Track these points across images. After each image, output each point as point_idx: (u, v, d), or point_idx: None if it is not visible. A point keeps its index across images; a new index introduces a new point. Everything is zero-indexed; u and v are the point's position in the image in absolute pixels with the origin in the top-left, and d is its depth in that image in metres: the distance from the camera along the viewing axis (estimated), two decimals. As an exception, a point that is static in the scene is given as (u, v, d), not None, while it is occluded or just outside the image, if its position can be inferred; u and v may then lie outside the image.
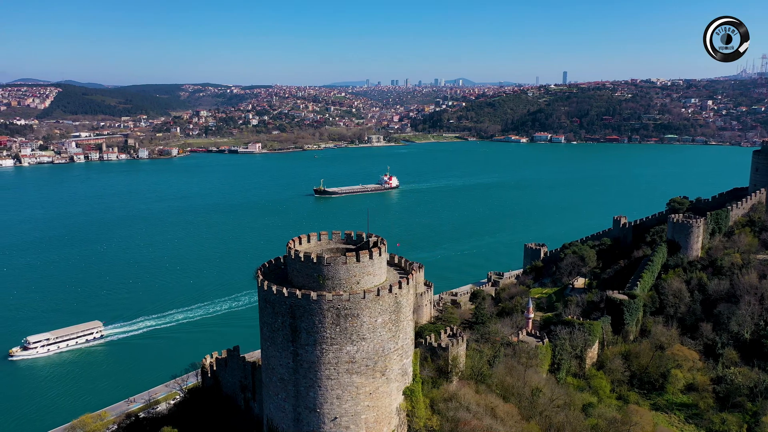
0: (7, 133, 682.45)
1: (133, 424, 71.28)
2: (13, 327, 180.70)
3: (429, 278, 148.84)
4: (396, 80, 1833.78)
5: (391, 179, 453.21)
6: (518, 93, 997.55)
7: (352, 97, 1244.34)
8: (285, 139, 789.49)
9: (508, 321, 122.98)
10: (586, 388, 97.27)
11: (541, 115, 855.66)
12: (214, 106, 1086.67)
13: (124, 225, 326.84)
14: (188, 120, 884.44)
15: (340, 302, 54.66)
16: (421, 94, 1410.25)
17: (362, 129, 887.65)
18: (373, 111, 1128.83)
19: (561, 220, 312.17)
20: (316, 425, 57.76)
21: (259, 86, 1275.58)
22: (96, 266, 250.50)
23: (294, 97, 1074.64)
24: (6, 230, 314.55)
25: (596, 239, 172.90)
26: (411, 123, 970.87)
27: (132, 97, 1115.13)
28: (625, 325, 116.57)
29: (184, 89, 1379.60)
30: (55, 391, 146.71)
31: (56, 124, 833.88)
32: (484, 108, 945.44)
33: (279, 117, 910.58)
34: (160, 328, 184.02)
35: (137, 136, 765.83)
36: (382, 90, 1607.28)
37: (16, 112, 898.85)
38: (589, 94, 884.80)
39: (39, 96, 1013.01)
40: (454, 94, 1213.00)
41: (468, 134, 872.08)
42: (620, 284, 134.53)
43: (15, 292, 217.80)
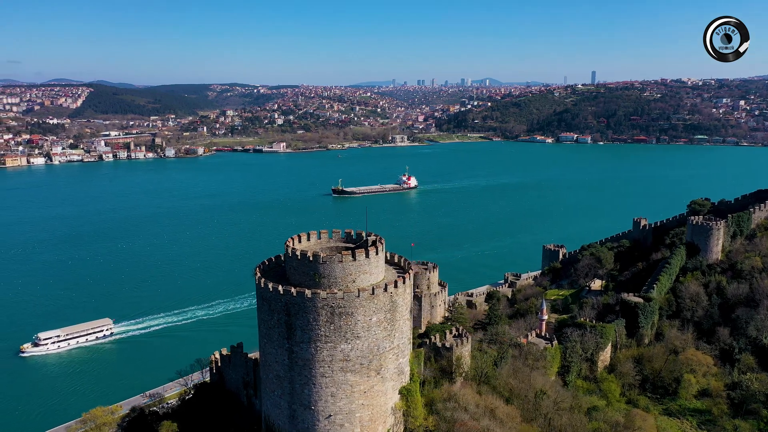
0: (39, 132, 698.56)
1: (138, 417, 72.45)
2: (25, 323, 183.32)
3: (446, 279, 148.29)
4: (422, 80, 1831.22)
5: (410, 179, 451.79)
6: (544, 93, 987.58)
7: (377, 97, 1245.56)
8: (309, 138, 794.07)
9: (522, 322, 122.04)
10: (596, 392, 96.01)
11: (568, 115, 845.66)
12: (241, 106, 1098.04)
13: (149, 223, 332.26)
14: (215, 119, 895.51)
15: (334, 300, 54.82)
16: (447, 94, 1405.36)
17: (386, 129, 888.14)
18: (399, 111, 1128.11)
19: (582, 221, 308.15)
20: (310, 422, 58.03)
21: (286, 86, 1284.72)
22: (114, 264, 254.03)
23: (320, 97, 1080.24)
24: (35, 226, 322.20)
25: (615, 241, 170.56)
26: (436, 123, 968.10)
27: (161, 97, 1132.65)
28: (640, 329, 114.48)
29: (212, 89, 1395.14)
30: (65, 387, 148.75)
31: (87, 123, 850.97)
32: (510, 108, 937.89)
33: (304, 117, 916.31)
34: (171, 326, 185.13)
35: (165, 135, 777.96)
36: (408, 90, 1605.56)
37: (49, 111, 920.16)
38: (617, 94, 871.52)
39: (71, 96, 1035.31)
40: (480, 94, 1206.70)
41: (493, 134, 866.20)
42: (637, 287, 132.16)
43: (31, 288, 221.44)
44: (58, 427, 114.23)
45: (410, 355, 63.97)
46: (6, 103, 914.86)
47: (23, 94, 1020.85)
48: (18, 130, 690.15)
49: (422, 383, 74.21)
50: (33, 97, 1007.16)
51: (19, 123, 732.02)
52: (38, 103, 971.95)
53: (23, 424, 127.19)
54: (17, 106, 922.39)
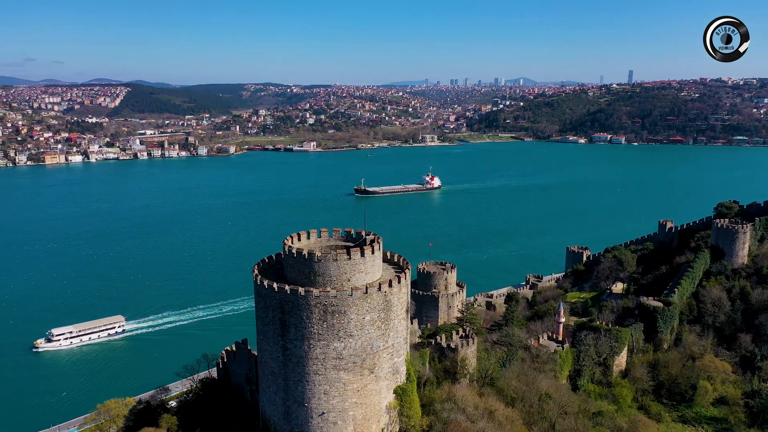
0: (78, 131, 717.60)
1: (144, 410, 73.96)
2: (40, 319, 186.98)
3: (467, 280, 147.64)
4: (455, 80, 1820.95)
5: (433, 179, 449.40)
6: (578, 92, 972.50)
7: (409, 96, 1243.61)
8: (340, 138, 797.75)
9: (539, 324, 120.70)
10: (608, 397, 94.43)
11: (601, 115, 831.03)
12: (274, 105, 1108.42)
13: (179, 220, 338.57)
14: (247, 119, 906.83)
15: (327, 299, 55.04)
16: (480, 94, 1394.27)
17: (417, 128, 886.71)
18: (430, 110, 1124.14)
19: (609, 223, 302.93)
20: (304, 419, 58.42)
21: (319, 86, 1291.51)
22: (137, 260, 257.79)
23: (351, 97, 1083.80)
24: (67, 222, 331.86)
25: (639, 243, 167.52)
26: (467, 123, 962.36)
27: (196, 97, 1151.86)
28: (659, 334, 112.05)
29: (246, 89, 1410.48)
30: (76, 382, 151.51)
31: (124, 122, 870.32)
32: (542, 108, 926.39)
33: (335, 116, 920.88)
34: (184, 324, 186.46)
35: (198, 134, 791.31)
36: (441, 89, 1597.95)
37: (88, 110, 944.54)
38: (653, 93, 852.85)
39: (110, 95, 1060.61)
40: (513, 94, 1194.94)
41: (524, 134, 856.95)
42: (659, 290, 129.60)
43: (51, 282, 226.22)
44: (74, 420, 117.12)
45: (406, 355, 63.76)
46: (48, 103, 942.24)
47: (64, 93, 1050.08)
48: (58, 128, 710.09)
49: (424, 383, 74.13)
50: (74, 96, 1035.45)
51: (59, 122, 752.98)
52: (78, 102, 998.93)
53: (36, 417, 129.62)
54: (58, 105, 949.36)
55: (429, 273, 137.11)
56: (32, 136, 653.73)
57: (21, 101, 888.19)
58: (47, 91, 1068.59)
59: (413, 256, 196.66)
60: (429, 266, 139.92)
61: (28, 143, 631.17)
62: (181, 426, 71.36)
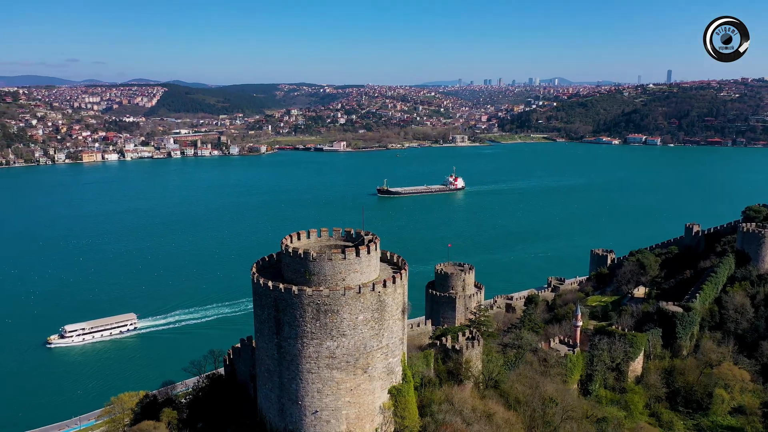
0: (115, 130, 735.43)
1: (151, 404, 75.50)
2: (55, 315, 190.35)
3: (487, 281, 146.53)
4: (489, 80, 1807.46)
5: (457, 180, 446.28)
6: (613, 93, 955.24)
7: (441, 96, 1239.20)
8: (370, 138, 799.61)
9: (557, 328, 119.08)
10: (620, 402, 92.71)
11: (636, 115, 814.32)
12: (307, 105, 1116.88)
13: (206, 218, 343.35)
14: (279, 118, 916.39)
15: (320, 298, 55.40)
16: (513, 94, 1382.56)
17: (448, 128, 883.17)
18: (462, 110, 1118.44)
19: (638, 225, 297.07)
20: (298, 417, 58.93)
21: (352, 86, 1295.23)
22: (158, 257, 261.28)
23: (383, 97, 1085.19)
24: (102, 219, 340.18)
25: (664, 247, 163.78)
26: (498, 123, 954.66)
27: (230, 96, 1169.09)
28: (678, 339, 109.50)
29: (279, 89, 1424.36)
30: (87, 378, 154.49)
31: (160, 122, 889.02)
32: (576, 108, 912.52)
33: (366, 116, 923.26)
34: (197, 322, 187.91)
35: (231, 133, 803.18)
36: (474, 89, 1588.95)
37: (126, 110, 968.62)
38: (690, 93, 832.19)
39: (147, 95, 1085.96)
40: (546, 94, 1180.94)
41: (557, 135, 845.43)
42: (682, 295, 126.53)
43: (69, 278, 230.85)
44: (91, 413, 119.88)
45: (403, 355, 63.70)
46: (88, 102, 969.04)
47: (104, 93, 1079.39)
48: (96, 127, 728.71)
49: (426, 384, 73.94)
50: (112, 96, 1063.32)
51: (97, 121, 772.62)
52: (117, 102, 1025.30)
53: (48, 411, 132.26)
54: (98, 105, 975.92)
55: (446, 274, 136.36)
56: (71, 134, 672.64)
57: (62, 101, 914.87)
58: (87, 91, 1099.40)
59: (431, 257, 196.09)
60: (447, 267, 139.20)
61: (67, 142, 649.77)
62: (187, 420, 72.70)
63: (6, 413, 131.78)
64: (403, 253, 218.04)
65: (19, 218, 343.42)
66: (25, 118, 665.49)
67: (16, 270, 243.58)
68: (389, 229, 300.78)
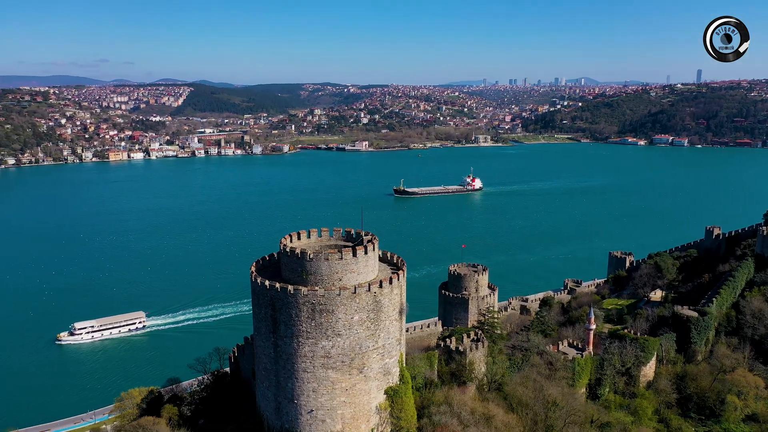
0: (142, 129, 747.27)
1: (156, 399, 76.55)
2: (65, 312, 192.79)
3: (503, 283, 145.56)
4: (514, 79, 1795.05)
5: (474, 181, 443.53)
6: (640, 93, 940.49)
7: (465, 96, 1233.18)
8: (392, 137, 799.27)
9: (571, 331, 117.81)
10: (629, 408, 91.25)
11: (663, 116, 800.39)
12: (331, 105, 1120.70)
13: (223, 217, 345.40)
14: (303, 118, 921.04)
15: (314, 297, 55.64)
16: (538, 94, 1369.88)
17: (471, 129, 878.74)
18: (486, 111, 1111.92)
19: (659, 227, 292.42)
20: (294, 416, 59.22)
21: (376, 86, 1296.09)
22: (172, 256, 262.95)
23: (407, 96, 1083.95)
24: (125, 216, 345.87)
25: (683, 250, 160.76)
26: (522, 123, 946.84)
27: (255, 96, 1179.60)
28: (692, 344, 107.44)
29: (304, 88, 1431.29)
30: (95, 375, 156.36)
31: (186, 121, 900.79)
32: (601, 108, 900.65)
33: (389, 116, 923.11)
34: (207, 321, 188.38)
35: (255, 132, 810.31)
36: (499, 89, 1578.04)
37: (153, 109, 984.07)
38: (719, 93, 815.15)
39: (173, 95, 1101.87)
40: (572, 94, 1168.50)
41: (581, 135, 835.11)
42: (698, 300, 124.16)
43: (82, 275, 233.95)
44: (104, 408, 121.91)
45: (400, 356, 63.55)
46: (116, 102, 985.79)
47: (131, 93, 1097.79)
48: (123, 126, 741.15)
49: (428, 386, 73.71)
50: (140, 96, 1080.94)
51: (124, 120, 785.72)
52: (144, 102, 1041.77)
53: (57, 406, 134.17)
54: (125, 104, 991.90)
55: (460, 275, 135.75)
56: (99, 133, 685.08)
57: (91, 100, 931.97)
58: (116, 90, 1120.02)
59: (445, 258, 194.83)
60: (460, 268, 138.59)
61: (95, 141, 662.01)
62: (189, 417, 73.53)
63: (17, 408, 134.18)
64: (416, 254, 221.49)
65: (44, 215, 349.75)
66: (54, 117, 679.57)
67: (33, 266, 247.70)
68: (403, 229, 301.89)
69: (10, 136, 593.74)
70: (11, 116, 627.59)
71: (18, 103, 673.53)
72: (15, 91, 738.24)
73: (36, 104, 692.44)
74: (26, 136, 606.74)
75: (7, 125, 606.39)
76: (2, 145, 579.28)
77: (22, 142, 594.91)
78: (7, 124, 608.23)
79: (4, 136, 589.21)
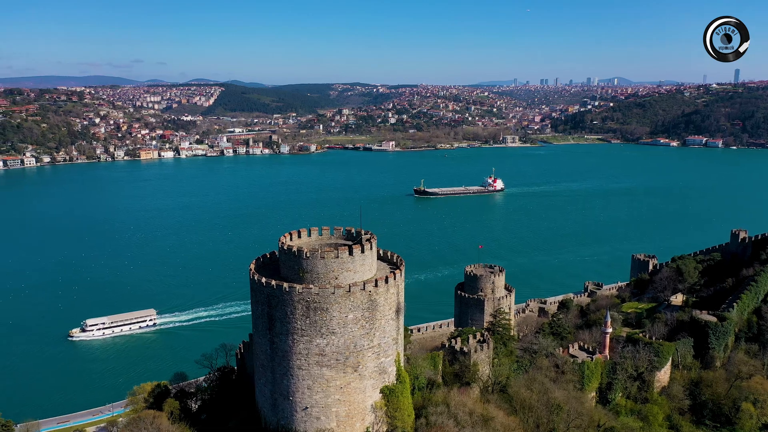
0: (173, 128, 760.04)
1: (163, 393, 77.79)
2: (78, 308, 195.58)
3: (522, 285, 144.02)
4: (546, 79, 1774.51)
5: (496, 181, 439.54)
6: (673, 93, 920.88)
7: (495, 96, 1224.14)
8: (419, 137, 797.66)
9: (587, 334, 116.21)
10: (640, 413, 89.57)
11: (697, 116, 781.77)
12: (360, 105, 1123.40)
13: (249, 215, 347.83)
14: (331, 118, 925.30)
15: (309, 295, 55.95)
16: (570, 94, 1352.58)
17: (499, 129, 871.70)
18: (516, 111, 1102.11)
19: (685, 230, 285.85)
20: (289, 412, 59.65)
21: (405, 85, 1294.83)
22: (193, 254, 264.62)
23: (435, 97, 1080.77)
24: (151, 214, 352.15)
25: (707, 254, 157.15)
26: (551, 123, 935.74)
27: (285, 96, 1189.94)
28: (710, 350, 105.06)
29: (333, 88, 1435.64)
30: (106, 371, 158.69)
31: (216, 120, 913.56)
32: (633, 108, 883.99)
33: (417, 116, 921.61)
34: (217, 320, 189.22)
35: (283, 132, 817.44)
36: (529, 90, 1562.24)
37: (185, 109, 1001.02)
38: (757, 93, 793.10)
39: (205, 95, 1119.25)
40: (604, 94, 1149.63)
41: (612, 136, 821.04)
42: (719, 304, 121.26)
43: (100, 273, 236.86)
44: (120, 402, 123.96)
45: (397, 356, 63.42)
46: (149, 101, 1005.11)
47: (164, 93, 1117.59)
48: (154, 126, 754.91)
49: (430, 386, 73.48)
50: (172, 95, 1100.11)
51: (156, 119, 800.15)
52: (176, 101, 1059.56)
53: (74, 400, 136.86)
54: (158, 104, 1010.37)
55: (476, 275, 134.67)
56: (131, 132, 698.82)
57: (125, 100, 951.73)
58: (149, 90, 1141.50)
59: (462, 259, 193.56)
60: (476, 269, 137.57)
61: (127, 139, 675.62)
62: (191, 411, 74.58)
63: (33, 400, 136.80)
64: (432, 255, 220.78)
65: (72, 212, 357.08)
66: (89, 117, 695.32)
67: (54, 261, 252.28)
68: (421, 230, 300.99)
69: (46, 135, 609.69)
70: (48, 115, 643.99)
71: (54, 103, 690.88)
72: (52, 91, 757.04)
73: (71, 104, 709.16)
74: (61, 134, 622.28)
75: (43, 124, 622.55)
76: (38, 144, 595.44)
77: (57, 140, 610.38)
78: (44, 123, 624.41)
79: (40, 134, 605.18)
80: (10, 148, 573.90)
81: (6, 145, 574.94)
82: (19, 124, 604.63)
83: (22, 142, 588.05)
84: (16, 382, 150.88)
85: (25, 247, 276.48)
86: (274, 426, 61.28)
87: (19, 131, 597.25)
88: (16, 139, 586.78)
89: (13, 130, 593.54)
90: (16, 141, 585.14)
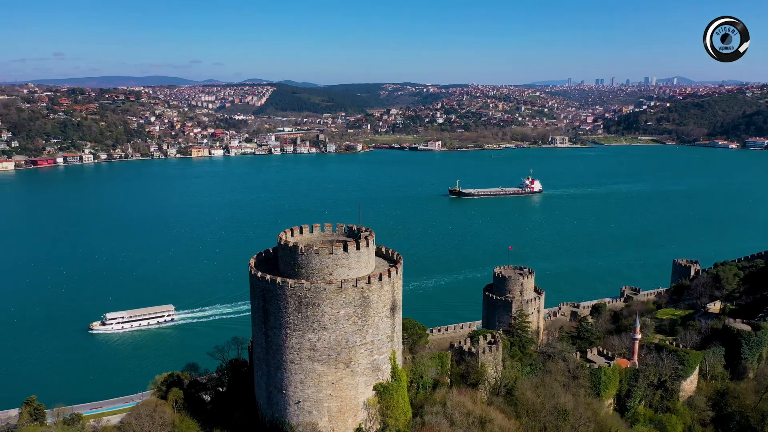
0: (225, 127, 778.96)
1: (174, 382, 79.67)
2: (99, 301, 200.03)
3: (556, 288, 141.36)
4: (601, 79, 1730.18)
5: (533, 183, 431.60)
6: (734, 93, 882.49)
7: (546, 96, 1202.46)
8: (466, 137, 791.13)
9: (617, 340, 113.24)
10: (659, 423, 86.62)
11: (759, 117, 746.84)
12: (409, 105, 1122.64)
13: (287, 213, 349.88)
14: (379, 117, 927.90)
15: (301, 290, 56.47)
16: (625, 94, 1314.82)
17: (548, 129, 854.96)
18: (568, 111, 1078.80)
19: (734, 235, 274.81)
20: (282, 405, 60.38)
21: (455, 85, 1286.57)
22: (223, 250, 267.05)
23: (485, 96, 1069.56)
24: (198, 210, 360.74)
25: (750, 260, 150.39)
26: (604, 124, 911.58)
27: (335, 96, 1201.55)
28: (743, 360, 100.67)
29: (384, 88, 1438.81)
30: (124, 363, 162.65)
31: (267, 120, 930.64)
32: (690, 109, 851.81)
33: (465, 116, 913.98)
34: (234, 317, 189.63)
35: (331, 131, 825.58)
36: (583, 89, 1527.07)
37: (237, 108, 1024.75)
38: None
39: (257, 94, 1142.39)
40: (661, 94, 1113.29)
41: (667, 138, 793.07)
42: (757, 313, 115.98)
43: (126, 267, 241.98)
44: (144, 393, 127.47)
45: (393, 354, 63.22)
46: (204, 101, 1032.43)
47: (218, 92, 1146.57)
48: (207, 124, 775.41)
49: (436, 385, 73.05)
50: (226, 95, 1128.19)
51: (209, 118, 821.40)
52: (230, 101, 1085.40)
53: (89, 391, 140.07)
54: (212, 104, 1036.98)
55: (504, 277, 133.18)
56: (184, 131, 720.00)
57: (181, 99, 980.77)
58: (204, 90, 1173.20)
59: (492, 261, 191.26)
60: (505, 270, 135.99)
61: (180, 138, 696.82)
62: (209, 401, 76.31)
63: (61, 388, 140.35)
64: (461, 256, 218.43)
65: (118, 207, 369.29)
66: (145, 116, 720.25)
67: (88, 254, 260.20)
68: (454, 229, 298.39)
69: (104, 133, 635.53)
70: (106, 114, 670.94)
71: (113, 102, 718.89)
72: (111, 90, 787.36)
73: (129, 103, 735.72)
74: (118, 132, 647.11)
75: (102, 122, 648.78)
76: (96, 141, 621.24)
77: (114, 138, 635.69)
78: (102, 122, 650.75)
79: (98, 132, 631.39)
80: (70, 144, 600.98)
81: (66, 142, 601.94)
82: (80, 122, 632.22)
83: (81, 140, 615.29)
84: (41, 370, 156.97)
85: (69, 239, 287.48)
86: (269, 418, 62.18)
87: (79, 129, 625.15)
88: (76, 137, 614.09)
89: (73, 127, 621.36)
90: (76, 138, 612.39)
